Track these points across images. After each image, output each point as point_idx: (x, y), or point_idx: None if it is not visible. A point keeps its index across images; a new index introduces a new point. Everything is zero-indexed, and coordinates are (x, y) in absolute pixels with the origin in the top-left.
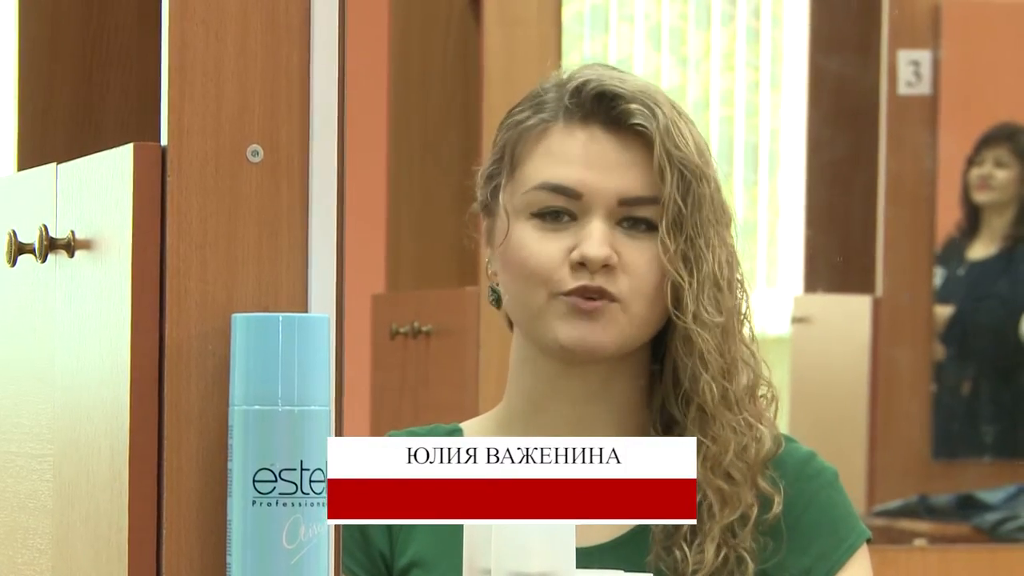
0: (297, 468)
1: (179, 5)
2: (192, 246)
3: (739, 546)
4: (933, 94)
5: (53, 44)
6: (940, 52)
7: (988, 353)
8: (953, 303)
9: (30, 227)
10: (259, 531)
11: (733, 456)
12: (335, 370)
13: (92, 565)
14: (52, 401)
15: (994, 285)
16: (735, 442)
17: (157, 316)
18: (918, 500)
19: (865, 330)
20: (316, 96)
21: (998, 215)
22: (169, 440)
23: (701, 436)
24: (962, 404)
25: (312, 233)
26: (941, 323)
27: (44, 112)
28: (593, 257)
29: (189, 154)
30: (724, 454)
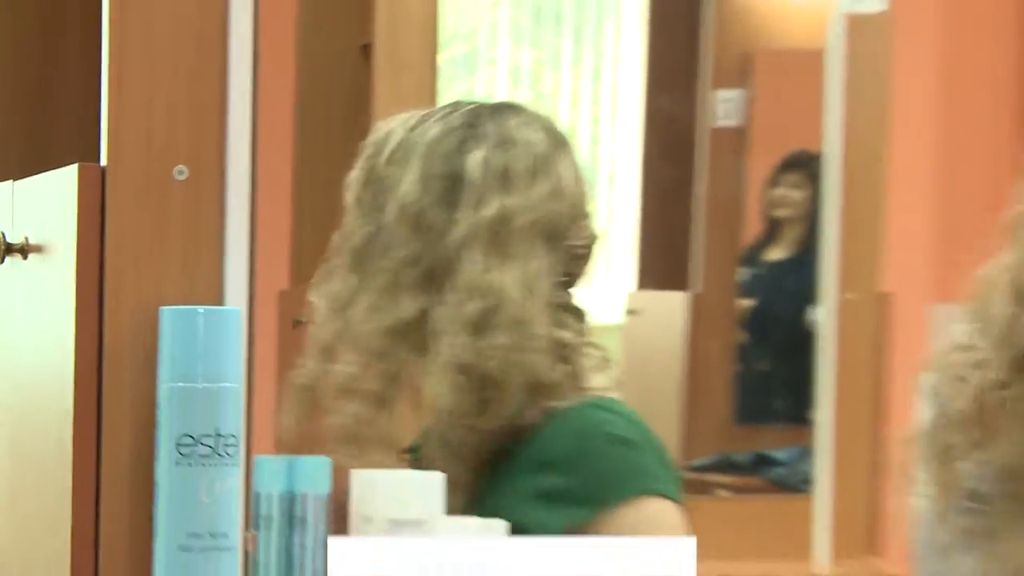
0: (213, 435)
1: (117, 46)
2: (126, 250)
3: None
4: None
5: (11, 73)
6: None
7: (780, 338)
8: (753, 297)
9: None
10: (182, 487)
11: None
12: (247, 353)
13: (40, 517)
14: (7, 378)
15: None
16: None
17: (97, 309)
18: (721, 458)
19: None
20: (232, 124)
21: (792, 227)
22: (107, 414)
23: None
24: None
25: (228, 240)
26: (743, 313)
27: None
28: None
29: (125, 173)
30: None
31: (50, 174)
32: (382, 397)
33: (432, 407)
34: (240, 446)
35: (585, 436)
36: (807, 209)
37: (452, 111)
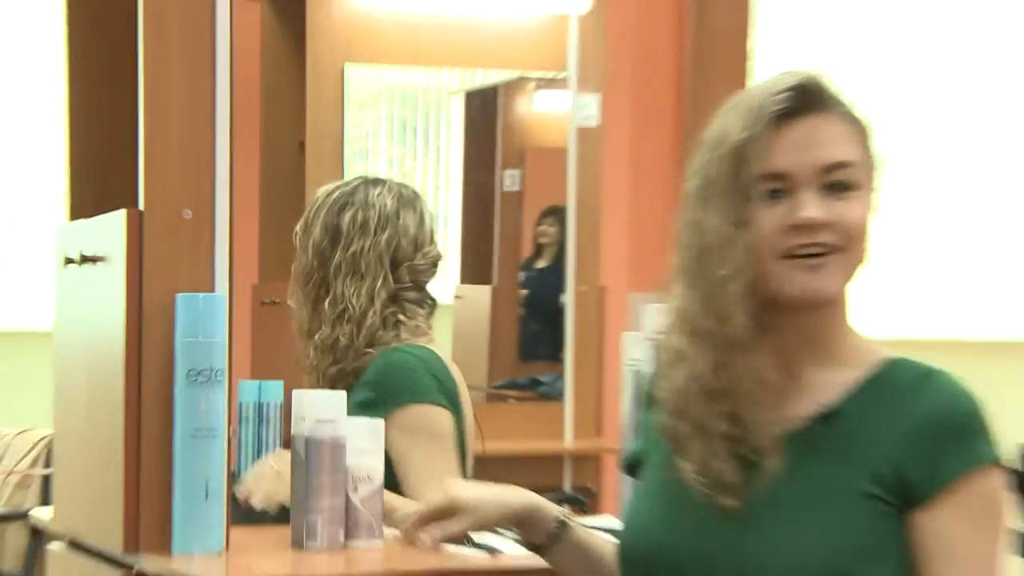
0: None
1: (149, 137)
2: (155, 262)
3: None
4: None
5: (88, 146)
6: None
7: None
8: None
9: (75, 250)
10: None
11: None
12: (228, 321)
13: (106, 424)
14: (86, 339)
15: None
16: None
17: (138, 296)
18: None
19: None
20: (219, 184)
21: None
22: (144, 358)
23: None
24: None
25: (216, 255)
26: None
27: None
28: None
29: (153, 216)
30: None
31: (110, 215)
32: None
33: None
34: (224, 376)
35: (385, 366)
36: (557, 238)
37: (347, 183)
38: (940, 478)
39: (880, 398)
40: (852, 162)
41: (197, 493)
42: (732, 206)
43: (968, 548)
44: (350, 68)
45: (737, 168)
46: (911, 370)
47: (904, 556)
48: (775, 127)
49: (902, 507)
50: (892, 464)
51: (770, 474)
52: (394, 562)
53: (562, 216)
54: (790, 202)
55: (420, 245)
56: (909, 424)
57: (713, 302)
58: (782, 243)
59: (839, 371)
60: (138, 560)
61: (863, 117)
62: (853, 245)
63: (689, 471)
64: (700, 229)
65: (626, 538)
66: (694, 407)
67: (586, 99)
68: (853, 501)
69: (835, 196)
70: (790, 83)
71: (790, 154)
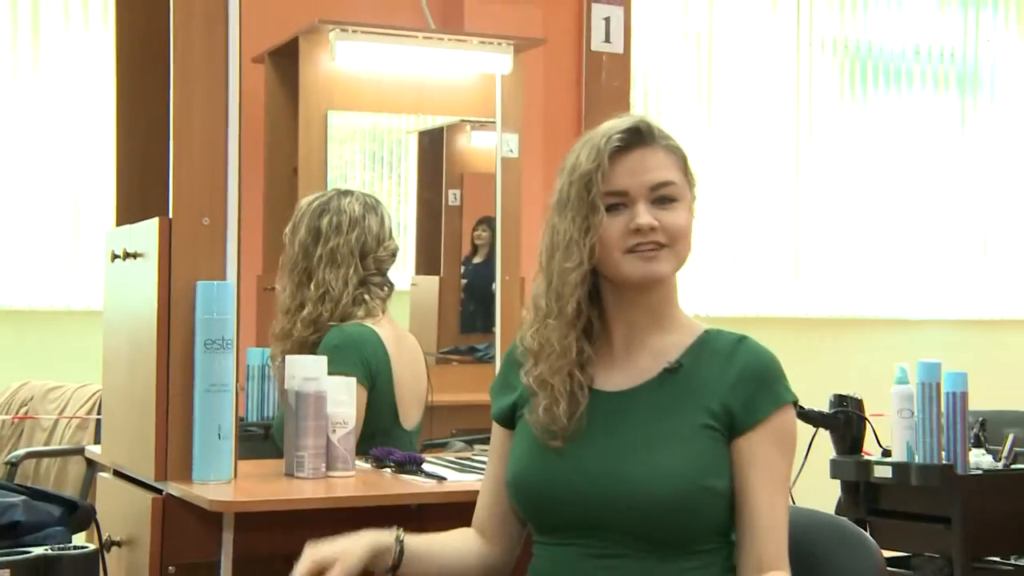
0: (221, 339)
1: (177, 154)
2: (181, 258)
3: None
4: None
5: (131, 162)
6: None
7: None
8: (467, 279)
9: (120, 247)
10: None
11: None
12: (237, 303)
13: (143, 384)
14: (128, 319)
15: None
16: None
17: (167, 284)
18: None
19: (436, 289)
20: (230, 197)
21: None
22: (172, 332)
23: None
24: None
25: (228, 253)
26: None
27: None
28: None
29: (179, 223)
30: None
31: (147, 222)
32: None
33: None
34: (233, 345)
35: (326, 341)
36: (488, 240)
37: (324, 194)
38: (755, 414)
39: (708, 356)
40: (673, 181)
41: (212, 434)
42: (582, 217)
43: (772, 463)
44: (332, 114)
45: (587, 189)
46: (727, 335)
47: (731, 471)
48: (615, 158)
49: (729, 435)
50: (721, 404)
51: (582, 420)
52: (363, 487)
53: (492, 224)
54: (629, 213)
55: (381, 240)
56: (731, 375)
57: (556, 287)
58: (625, 243)
59: (674, 336)
60: (166, 485)
61: (680, 147)
62: (677, 242)
63: (533, 417)
64: (554, 232)
65: (512, 476)
66: (540, 366)
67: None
68: (696, 432)
69: (662, 207)
70: (625, 126)
71: (627, 177)
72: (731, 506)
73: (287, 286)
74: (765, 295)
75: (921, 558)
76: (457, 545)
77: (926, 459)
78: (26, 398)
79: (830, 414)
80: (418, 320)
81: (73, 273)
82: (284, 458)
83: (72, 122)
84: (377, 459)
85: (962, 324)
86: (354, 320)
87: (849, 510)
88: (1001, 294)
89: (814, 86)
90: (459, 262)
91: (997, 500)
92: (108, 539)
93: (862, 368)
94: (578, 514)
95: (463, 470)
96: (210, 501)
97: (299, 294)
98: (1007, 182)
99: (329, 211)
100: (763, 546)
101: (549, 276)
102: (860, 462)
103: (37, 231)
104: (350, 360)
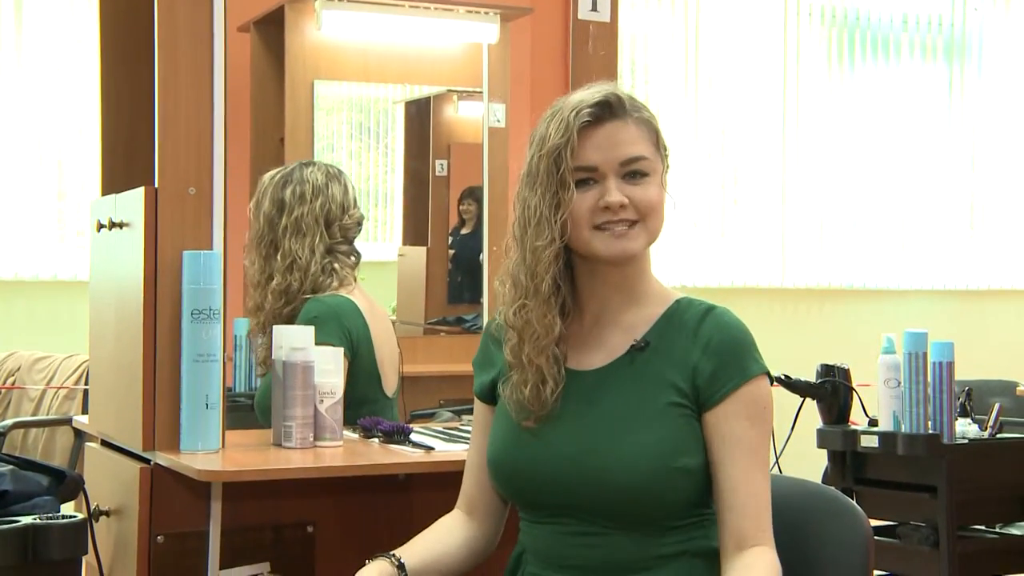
0: (207, 309)
1: (162, 125)
2: (167, 227)
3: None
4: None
5: (116, 133)
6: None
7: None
8: (454, 250)
9: (105, 217)
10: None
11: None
12: (223, 272)
13: (130, 351)
14: (115, 286)
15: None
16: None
17: (154, 253)
18: (442, 318)
19: (423, 259)
20: (216, 168)
21: (470, 220)
22: (159, 301)
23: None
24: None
25: (214, 221)
26: (450, 257)
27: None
28: None
29: (165, 192)
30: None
31: (133, 191)
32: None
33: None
34: (220, 314)
35: (305, 312)
36: (476, 211)
37: (287, 167)
38: (721, 388)
39: (675, 330)
40: (644, 156)
41: (199, 404)
42: (551, 193)
43: (744, 436)
44: (318, 83)
45: (556, 164)
46: (696, 305)
47: (703, 446)
48: (585, 132)
49: (698, 411)
50: (687, 381)
51: (557, 396)
52: (350, 457)
53: (479, 195)
54: (599, 188)
55: (346, 208)
56: (697, 349)
57: (530, 265)
58: (595, 219)
59: (645, 309)
60: (154, 455)
61: (651, 119)
62: (648, 218)
63: (507, 392)
64: (525, 206)
65: (490, 457)
66: (526, 346)
67: (495, 107)
68: (664, 411)
69: (632, 182)
70: (595, 99)
71: (596, 152)
72: (708, 481)
73: (255, 260)
74: (752, 266)
75: (907, 526)
76: (447, 541)
77: (912, 429)
78: (13, 368)
79: (817, 384)
80: (405, 291)
81: (59, 243)
82: (272, 428)
83: (57, 92)
84: (365, 429)
85: (949, 294)
86: (328, 291)
87: (836, 479)
88: (988, 265)
89: (801, 56)
90: (446, 233)
91: (983, 469)
92: (96, 509)
93: (849, 338)
94: (554, 495)
95: (451, 440)
96: (198, 471)
97: (267, 267)
98: (994, 152)
99: (292, 181)
100: (741, 521)
101: (523, 251)
102: (847, 432)
103: (22, 201)
104: (331, 331)
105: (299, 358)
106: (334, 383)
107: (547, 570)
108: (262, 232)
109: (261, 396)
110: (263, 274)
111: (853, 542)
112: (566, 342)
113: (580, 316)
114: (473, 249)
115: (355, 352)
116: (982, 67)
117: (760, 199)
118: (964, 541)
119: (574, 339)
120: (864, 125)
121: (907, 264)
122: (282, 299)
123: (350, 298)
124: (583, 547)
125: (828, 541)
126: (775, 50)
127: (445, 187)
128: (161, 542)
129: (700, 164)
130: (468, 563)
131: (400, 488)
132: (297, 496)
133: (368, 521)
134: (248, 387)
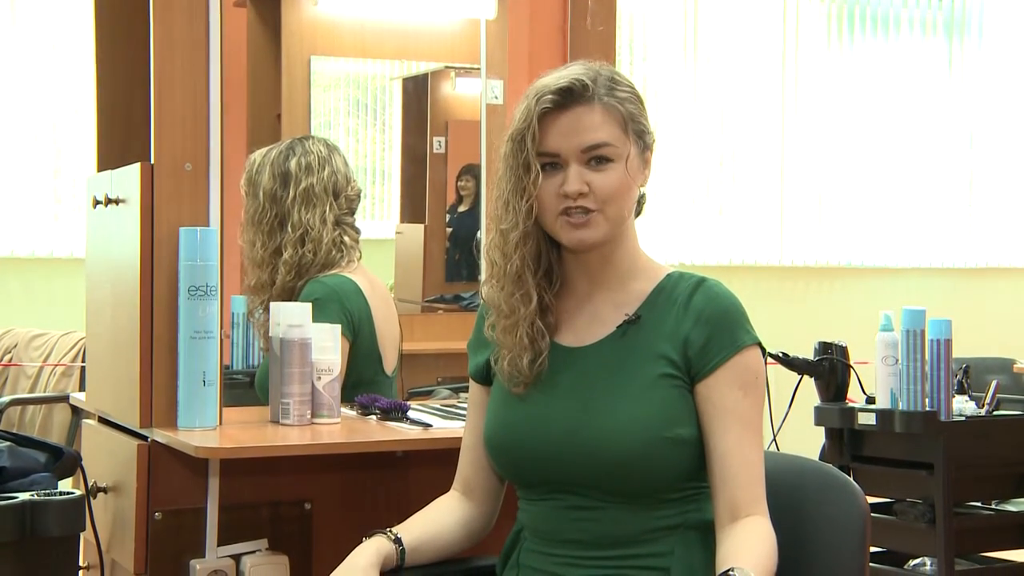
0: (204, 285)
1: (158, 101)
2: (163, 204)
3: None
4: (445, 153)
5: (112, 110)
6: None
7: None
8: (452, 228)
9: (102, 193)
10: (190, 310)
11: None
12: (220, 249)
13: (127, 329)
14: (111, 264)
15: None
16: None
17: (150, 229)
18: (439, 296)
19: (421, 236)
20: (212, 139)
21: (468, 197)
22: (156, 278)
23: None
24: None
25: (211, 198)
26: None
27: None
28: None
29: (161, 168)
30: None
31: (129, 167)
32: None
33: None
34: (217, 291)
35: (306, 293)
36: (474, 189)
37: (279, 144)
38: (713, 359)
39: (667, 303)
40: (607, 142)
41: (196, 381)
42: (516, 178)
43: (737, 407)
44: (315, 59)
45: (520, 149)
46: (687, 279)
47: (696, 418)
48: (548, 117)
49: (690, 382)
50: (679, 352)
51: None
52: (347, 434)
53: (476, 172)
54: (562, 174)
55: (349, 180)
56: (688, 321)
57: (499, 245)
58: (557, 206)
59: (636, 284)
60: (151, 432)
61: (620, 104)
62: (607, 205)
63: (498, 366)
64: (498, 186)
65: (487, 436)
66: (499, 323)
67: (493, 83)
68: (656, 382)
69: (595, 169)
70: (559, 85)
71: (559, 139)
72: (701, 453)
73: (256, 239)
74: (751, 243)
75: (904, 503)
76: (444, 520)
77: (910, 406)
78: (9, 345)
79: (815, 361)
80: (403, 268)
81: (55, 220)
82: (269, 405)
83: (52, 67)
84: (362, 406)
85: (947, 272)
86: (335, 269)
87: (833, 456)
88: (986, 242)
89: (801, 31)
90: (444, 210)
91: (979, 446)
92: (94, 485)
93: (847, 316)
94: (549, 471)
95: (448, 417)
96: (195, 448)
97: (271, 242)
98: (993, 129)
99: (296, 153)
100: (735, 491)
101: (496, 231)
102: (844, 409)
103: (18, 178)
104: (332, 312)
105: (296, 335)
106: (331, 360)
107: (545, 547)
108: (262, 208)
109: (261, 376)
110: (266, 250)
111: (850, 519)
112: (558, 318)
113: (572, 292)
114: (471, 227)
115: (356, 333)
116: (982, 43)
117: (758, 177)
118: (960, 518)
119: (566, 315)
120: (863, 102)
121: (905, 242)
122: (293, 272)
123: (351, 278)
124: (579, 522)
125: (825, 518)
126: (774, 26)
127: (443, 164)
128: (159, 519)
129: (698, 141)
130: (465, 542)
131: (398, 465)
132: (295, 473)
133: (366, 498)
134: (246, 365)
